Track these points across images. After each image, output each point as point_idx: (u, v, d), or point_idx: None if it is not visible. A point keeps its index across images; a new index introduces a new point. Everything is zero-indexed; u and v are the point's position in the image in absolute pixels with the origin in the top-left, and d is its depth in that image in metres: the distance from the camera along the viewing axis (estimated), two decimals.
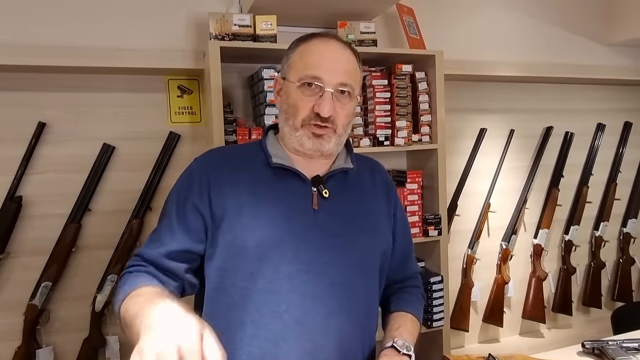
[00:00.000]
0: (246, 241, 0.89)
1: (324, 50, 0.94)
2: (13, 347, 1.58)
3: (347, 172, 1.00)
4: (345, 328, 0.90)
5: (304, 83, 0.92)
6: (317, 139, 0.93)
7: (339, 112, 0.93)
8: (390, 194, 1.06)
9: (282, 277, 0.88)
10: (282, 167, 0.95)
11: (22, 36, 1.59)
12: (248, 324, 0.88)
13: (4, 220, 1.56)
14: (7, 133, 1.60)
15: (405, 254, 1.09)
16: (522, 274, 2.36)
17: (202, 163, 0.98)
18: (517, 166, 2.35)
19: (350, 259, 0.93)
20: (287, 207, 0.92)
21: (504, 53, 2.26)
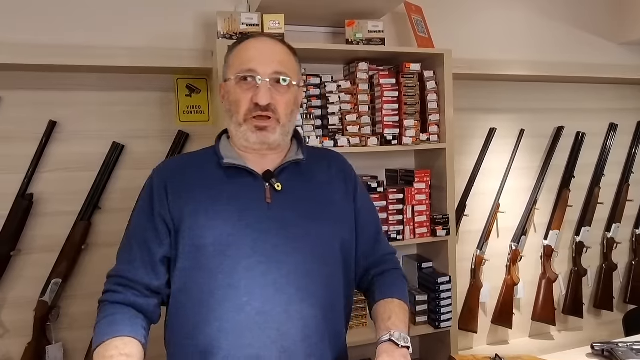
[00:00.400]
0: (204, 240, 0.93)
1: (257, 45, 0.99)
2: (24, 343, 1.60)
3: (299, 164, 1.03)
4: (308, 314, 0.93)
5: (241, 78, 0.96)
6: (261, 132, 0.97)
7: (279, 100, 0.97)
8: (348, 181, 1.08)
9: (241, 271, 0.91)
10: (233, 166, 0.98)
11: (33, 36, 1.61)
12: (213, 319, 0.91)
13: (16, 217, 1.58)
14: (18, 132, 1.62)
15: (373, 235, 1.10)
16: (532, 276, 2.33)
17: (159, 172, 1.02)
18: (527, 166, 2.32)
19: (307, 248, 0.96)
20: (241, 204, 0.96)
21: (514, 52, 2.24)
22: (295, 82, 1.01)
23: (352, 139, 1.74)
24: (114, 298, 0.93)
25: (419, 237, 1.83)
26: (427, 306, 1.87)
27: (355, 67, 1.80)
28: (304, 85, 1.75)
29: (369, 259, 1.09)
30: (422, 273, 1.93)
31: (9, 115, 1.61)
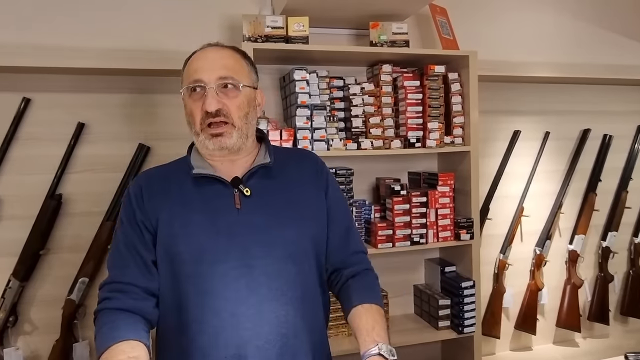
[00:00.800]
0: (179, 247, 0.97)
1: (201, 54, 1.03)
2: (52, 340, 1.63)
3: (268, 168, 1.05)
4: (281, 312, 0.96)
5: (190, 89, 0.99)
6: (217, 138, 0.99)
7: (229, 105, 0.99)
8: (319, 178, 1.10)
9: (215, 277, 0.95)
10: (203, 175, 1.01)
11: (62, 39, 1.64)
12: (192, 322, 0.96)
13: (45, 217, 1.61)
14: (48, 133, 1.65)
15: (344, 230, 1.11)
16: (556, 281, 2.29)
17: (136, 183, 1.05)
18: (552, 169, 2.28)
19: (278, 249, 0.98)
20: (213, 211, 0.99)
21: (539, 53, 2.20)
22: (248, 84, 1.03)
23: (375, 141, 1.74)
24: (111, 305, 0.95)
25: (442, 241, 1.81)
26: (450, 311, 1.85)
27: (379, 69, 1.80)
28: (328, 85, 1.76)
29: (339, 255, 1.10)
30: (444, 277, 1.91)
31: (39, 117, 1.65)
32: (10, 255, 1.60)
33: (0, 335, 1.58)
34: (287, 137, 1.64)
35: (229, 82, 0.99)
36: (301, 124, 1.66)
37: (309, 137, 1.66)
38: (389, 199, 1.79)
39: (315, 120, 1.67)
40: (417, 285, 2.03)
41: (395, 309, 1.98)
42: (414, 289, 2.04)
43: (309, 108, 1.67)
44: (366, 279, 1.08)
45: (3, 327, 1.58)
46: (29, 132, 1.64)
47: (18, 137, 1.62)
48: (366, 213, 1.84)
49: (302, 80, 1.66)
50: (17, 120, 1.60)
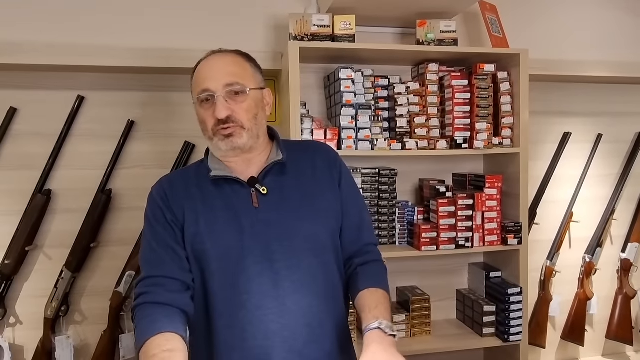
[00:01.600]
0: (204, 245, 1.00)
1: (206, 64, 1.06)
2: (100, 331, 1.68)
3: (282, 164, 1.07)
4: (304, 303, 1.00)
5: (200, 100, 1.03)
6: (229, 139, 1.02)
7: (237, 110, 1.02)
8: (332, 169, 1.11)
9: (239, 272, 0.99)
10: (220, 177, 1.04)
11: (114, 39, 1.69)
12: (219, 317, 0.99)
13: (96, 211, 1.66)
14: (100, 130, 1.71)
15: (357, 222, 1.12)
16: (607, 291, 2.18)
17: (158, 187, 1.08)
18: (604, 174, 2.18)
19: (296, 243, 1.01)
20: (234, 210, 1.02)
21: (593, 52, 2.11)
22: (254, 86, 1.05)
23: (420, 141, 1.70)
24: (149, 299, 0.97)
25: (488, 245, 1.75)
26: (495, 317, 1.79)
27: (425, 68, 1.76)
28: (373, 85, 1.74)
29: (353, 246, 1.11)
30: (489, 282, 1.85)
31: (92, 115, 1.70)
32: (63, 247, 1.66)
33: (52, 324, 1.64)
34: (332, 137, 1.63)
35: (235, 88, 1.02)
36: (346, 123, 1.65)
37: (353, 136, 1.65)
38: (433, 201, 1.75)
39: (360, 120, 1.66)
40: (460, 289, 1.98)
41: (437, 314, 1.93)
42: (457, 294, 1.99)
43: (354, 107, 1.65)
44: (374, 268, 1.10)
45: (55, 316, 1.64)
46: (83, 128, 1.70)
47: (72, 134, 1.68)
48: (409, 215, 1.80)
49: (347, 79, 1.65)
50: (71, 117, 1.66)
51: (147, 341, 0.89)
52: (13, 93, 1.63)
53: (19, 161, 1.65)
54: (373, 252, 1.13)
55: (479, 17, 1.86)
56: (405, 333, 1.80)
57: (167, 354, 0.87)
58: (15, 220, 1.61)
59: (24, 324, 1.67)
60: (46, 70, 1.63)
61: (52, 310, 1.63)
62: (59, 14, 1.66)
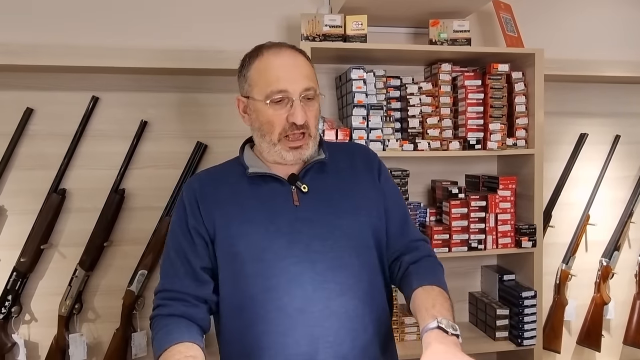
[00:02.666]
0: (238, 247, 0.96)
1: (278, 61, 0.99)
2: (112, 329, 1.70)
3: (323, 163, 1.04)
4: (349, 306, 0.95)
5: (274, 100, 0.96)
6: (297, 150, 0.99)
7: (310, 116, 0.99)
8: (371, 169, 1.09)
9: (278, 273, 0.94)
10: (258, 174, 1.01)
11: (127, 40, 1.71)
12: (257, 322, 0.94)
13: (109, 210, 1.68)
14: (114, 130, 1.72)
15: (400, 218, 1.09)
16: (625, 295, 2.13)
17: (188, 189, 1.05)
18: (622, 176, 2.13)
19: (338, 243, 0.97)
20: (270, 210, 0.98)
21: (611, 51, 2.06)
22: (318, 92, 1.02)
23: (432, 142, 1.69)
24: (165, 311, 0.96)
25: (502, 248, 1.73)
26: (508, 321, 1.76)
27: (438, 68, 1.74)
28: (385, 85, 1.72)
29: (399, 242, 1.07)
30: (503, 285, 1.82)
31: (106, 115, 1.72)
32: (77, 246, 1.68)
33: (66, 321, 1.67)
34: (343, 137, 1.63)
35: (310, 94, 0.98)
36: (357, 123, 1.64)
37: (364, 137, 1.64)
38: (445, 202, 1.74)
39: (372, 120, 1.65)
40: (472, 292, 1.96)
41: None
42: (469, 297, 1.96)
43: (366, 108, 1.64)
44: (427, 264, 1.04)
45: (69, 313, 1.66)
46: (97, 129, 1.72)
47: (86, 134, 1.70)
48: (421, 216, 1.79)
49: (359, 79, 1.64)
50: (86, 117, 1.68)
51: (167, 349, 0.88)
52: (29, 94, 1.66)
53: (35, 161, 1.67)
54: (423, 247, 1.08)
55: (493, 16, 1.84)
56: (417, 335, 1.78)
57: (190, 359, 0.86)
58: (31, 219, 1.64)
59: (38, 321, 1.69)
60: (61, 71, 1.65)
61: (66, 308, 1.65)
62: (74, 17, 1.68)
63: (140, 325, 1.73)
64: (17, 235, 1.64)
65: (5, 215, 1.66)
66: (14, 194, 1.66)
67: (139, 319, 1.73)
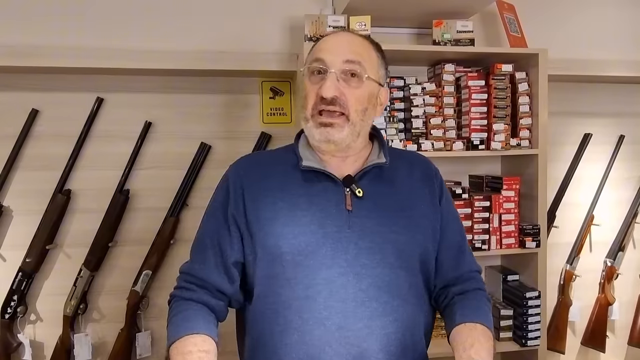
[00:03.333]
0: (281, 249, 0.89)
1: (331, 37, 0.94)
2: (117, 329, 1.70)
3: (381, 168, 0.96)
4: (390, 329, 0.88)
5: (312, 71, 0.91)
6: (326, 128, 0.89)
7: (348, 95, 0.89)
8: (432, 185, 1.00)
9: (319, 283, 0.87)
10: (312, 169, 0.93)
11: (131, 42, 1.71)
12: (292, 330, 0.88)
13: (114, 211, 1.69)
14: (118, 131, 1.73)
15: (457, 245, 1.01)
16: (629, 296, 2.13)
17: (235, 172, 0.98)
18: (627, 176, 2.12)
19: (388, 259, 0.90)
20: (320, 211, 0.90)
21: (615, 51, 2.06)
22: (373, 77, 0.92)
23: (436, 142, 1.69)
24: (187, 295, 0.93)
25: (505, 248, 1.73)
26: (512, 321, 1.76)
27: (441, 69, 1.74)
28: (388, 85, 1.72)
29: (451, 272, 0.99)
30: (507, 286, 1.82)
31: (111, 116, 1.73)
32: (82, 246, 1.68)
33: (71, 322, 1.68)
34: None
35: (353, 68, 0.89)
36: None
37: None
38: None
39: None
40: None
41: None
42: None
43: None
44: (475, 298, 0.96)
45: (74, 313, 1.67)
46: (102, 130, 1.72)
47: (91, 135, 1.71)
48: None
49: None
50: (91, 118, 1.69)
51: (182, 337, 0.85)
52: (35, 95, 1.67)
53: (40, 162, 1.68)
54: (474, 279, 1.00)
55: (497, 16, 1.84)
56: None
57: (203, 354, 0.82)
58: (36, 220, 1.64)
59: (44, 321, 1.71)
60: (66, 72, 1.66)
61: (71, 308, 1.66)
62: (78, 18, 1.69)
63: (145, 325, 1.74)
64: (22, 236, 1.65)
65: (11, 215, 1.68)
66: (20, 194, 1.67)
67: (144, 319, 1.73)
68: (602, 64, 1.97)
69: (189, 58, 1.70)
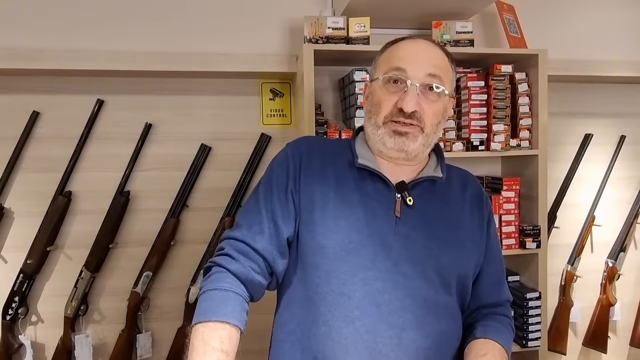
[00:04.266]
0: (326, 240, 0.88)
1: (410, 45, 0.91)
2: (117, 330, 1.71)
3: (435, 181, 0.95)
4: (421, 345, 0.86)
5: (389, 79, 0.89)
6: (400, 137, 0.88)
7: (426, 109, 0.88)
8: (483, 209, 0.99)
9: (356, 282, 0.86)
10: (367, 169, 0.92)
11: (132, 44, 1.72)
12: (321, 323, 0.87)
13: (114, 212, 1.69)
14: (119, 133, 1.74)
15: (498, 274, 1.00)
16: (631, 296, 2.12)
17: (296, 149, 0.96)
18: (628, 176, 2.12)
19: (430, 273, 0.88)
20: (369, 211, 0.89)
21: (615, 51, 2.05)
22: (448, 91, 0.92)
23: None
24: (233, 267, 0.87)
25: (506, 249, 1.72)
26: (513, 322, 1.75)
27: None
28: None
29: (487, 300, 0.98)
30: None
31: (111, 118, 1.74)
32: (82, 247, 1.69)
33: (72, 323, 1.68)
34: None
35: (434, 83, 0.88)
36: (360, 125, 1.64)
37: None
38: None
39: None
40: None
41: None
42: None
43: None
44: (500, 322, 0.95)
45: (75, 315, 1.68)
46: (102, 131, 1.73)
47: (92, 137, 1.72)
48: None
49: (362, 81, 1.64)
50: (91, 120, 1.70)
51: (212, 322, 0.80)
52: (35, 97, 1.68)
53: (41, 164, 1.69)
54: (504, 306, 0.99)
55: (496, 17, 1.84)
56: None
57: (223, 356, 0.78)
58: (37, 221, 1.65)
59: (45, 322, 1.71)
60: (67, 74, 1.67)
61: (71, 310, 1.67)
62: (78, 21, 1.70)
63: (146, 326, 1.74)
64: (23, 237, 1.66)
65: (12, 217, 1.68)
66: (21, 196, 1.68)
67: (144, 320, 1.74)
68: (602, 65, 1.96)
69: (189, 60, 1.70)
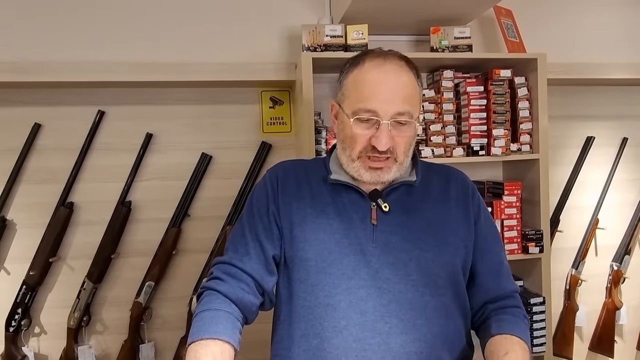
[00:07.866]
0: (307, 253, 0.91)
1: (378, 78, 0.90)
2: (120, 340, 1.71)
3: (411, 185, 0.97)
4: (411, 349, 0.86)
5: (360, 119, 0.89)
6: (375, 171, 0.91)
7: (398, 142, 0.90)
8: (469, 203, 0.99)
9: (340, 292, 0.88)
10: (341, 183, 0.95)
11: (132, 55, 1.73)
12: (312, 335, 0.89)
13: (116, 223, 1.70)
14: (120, 143, 1.75)
15: (496, 266, 0.99)
16: (637, 300, 2.10)
17: (273, 174, 1.02)
18: (631, 178, 2.10)
19: (413, 275, 0.90)
20: (346, 222, 0.92)
21: (615, 53, 2.05)
22: (416, 116, 0.92)
23: (436, 149, 1.68)
24: (222, 288, 0.90)
25: (508, 254, 1.71)
26: None
27: (440, 75, 1.74)
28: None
29: (490, 293, 0.97)
30: None
31: (112, 129, 1.75)
32: (84, 258, 1.70)
33: (75, 334, 1.68)
34: None
35: (403, 119, 0.89)
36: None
37: None
38: None
39: None
40: None
41: None
42: None
43: None
44: (512, 314, 0.94)
45: (78, 326, 1.68)
46: (103, 142, 1.74)
47: (93, 148, 1.73)
48: None
49: None
50: (92, 131, 1.71)
51: (204, 340, 0.82)
52: (37, 110, 1.69)
53: (43, 175, 1.70)
54: (512, 297, 0.98)
55: (494, 22, 1.84)
56: None
57: None
58: (39, 233, 1.66)
59: (48, 333, 1.71)
60: (68, 87, 1.68)
61: (74, 321, 1.67)
62: (78, 33, 1.71)
63: (148, 336, 1.74)
64: (26, 249, 1.67)
65: (15, 229, 1.69)
66: (23, 207, 1.69)
67: (147, 330, 1.74)
68: (602, 67, 1.96)
69: (188, 70, 1.71)
